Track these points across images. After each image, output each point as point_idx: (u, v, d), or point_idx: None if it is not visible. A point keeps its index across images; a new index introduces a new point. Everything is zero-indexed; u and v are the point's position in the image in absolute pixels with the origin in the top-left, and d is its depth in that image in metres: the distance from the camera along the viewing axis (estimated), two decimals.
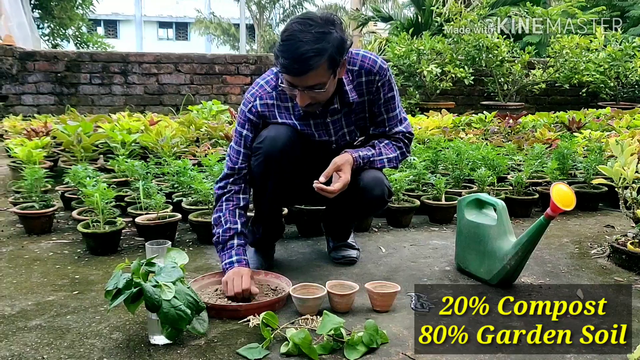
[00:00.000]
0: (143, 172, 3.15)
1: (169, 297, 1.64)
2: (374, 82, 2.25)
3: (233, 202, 2.22)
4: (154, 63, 8.04)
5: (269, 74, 2.29)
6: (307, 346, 1.63)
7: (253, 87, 2.27)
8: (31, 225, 2.93)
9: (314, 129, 2.26)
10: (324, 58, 1.96)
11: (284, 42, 1.97)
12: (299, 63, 1.94)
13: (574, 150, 3.77)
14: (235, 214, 2.20)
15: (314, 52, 1.93)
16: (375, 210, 2.49)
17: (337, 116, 2.27)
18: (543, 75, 8.22)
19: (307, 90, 2.03)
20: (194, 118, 5.16)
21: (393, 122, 2.34)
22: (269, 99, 2.23)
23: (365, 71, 2.23)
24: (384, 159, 2.31)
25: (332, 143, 2.31)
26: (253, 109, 2.23)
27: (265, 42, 27.35)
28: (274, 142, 2.16)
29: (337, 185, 2.12)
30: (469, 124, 5.80)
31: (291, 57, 1.94)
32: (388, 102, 2.30)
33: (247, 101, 2.25)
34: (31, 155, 3.43)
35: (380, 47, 11.86)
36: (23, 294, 2.13)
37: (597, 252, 2.66)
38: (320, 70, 1.98)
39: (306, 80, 2.00)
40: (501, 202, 2.19)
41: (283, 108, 2.24)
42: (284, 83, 2.08)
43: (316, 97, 2.08)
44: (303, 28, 1.96)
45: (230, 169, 2.26)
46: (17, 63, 7.42)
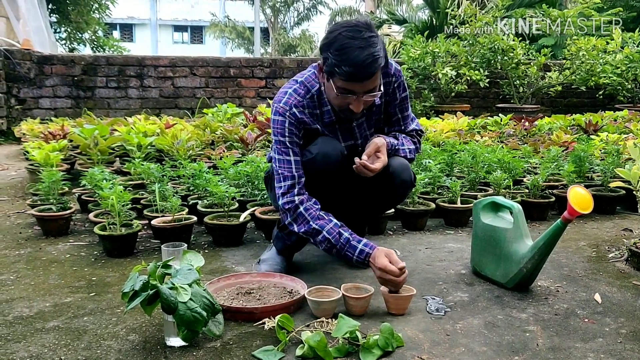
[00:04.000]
0: (159, 175, 3.17)
1: (185, 299, 1.64)
2: (390, 84, 2.33)
3: (314, 208, 2.18)
4: (169, 66, 8.09)
5: (292, 83, 2.30)
6: (323, 349, 1.62)
7: (283, 97, 2.25)
8: (49, 227, 2.96)
9: (340, 133, 2.31)
10: (382, 61, 2.04)
11: (341, 51, 2.01)
12: (364, 69, 2.00)
13: (590, 153, 3.74)
14: (322, 216, 2.17)
15: (373, 57, 2.00)
16: (403, 194, 2.47)
17: (362, 120, 2.34)
18: (559, 78, 8.15)
19: (365, 95, 2.09)
20: (209, 121, 5.19)
21: (407, 121, 2.46)
22: (302, 107, 2.25)
23: (383, 74, 2.25)
24: (406, 149, 2.41)
25: (358, 146, 2.37)
26: (292, 117, 2.22)
27: (280, 45, 27.42)
28: (327, 158, 2.20)
29: (377, 164, 2.21)
30: (484, 126, 5.78)
31: (355, 64, 1.99)
32: (402, 102, 2.41)
33: (282, 110, 2.22)
34: (48, 158, 3.47)
35: (394, 49, 11.87)
36: (41, 295, 2.15)
37: (615, 255, 2.63)
38: (378, 74, 2.06)
39: (367, 85, 2.06)
40: (517, 205, 2.17)
41: (314, 115, 2.26)
42: (338, 92, 2.09)
43: (369, 102, 2.15)
44: (354, 35, 2.02)
45: (290, 179, 2.19)
46: (34, 67, 7.50)
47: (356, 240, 2.13)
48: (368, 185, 2.35)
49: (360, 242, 2.12)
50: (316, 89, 2.25)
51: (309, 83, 2.27)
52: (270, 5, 28.09)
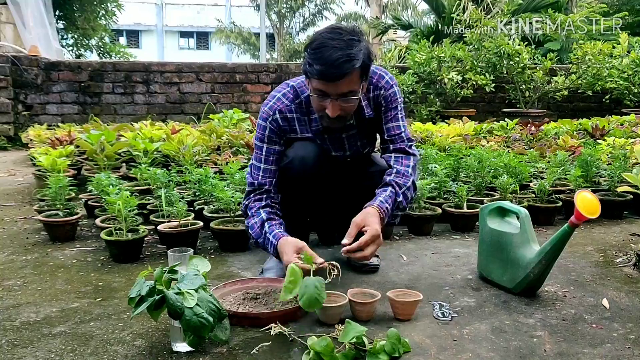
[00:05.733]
0: (165, 180, 3.18)
1: (192, 304, 1.64)
2: (379, 96, 2.30)
3: (255, 208, 2.27)
4: (175, 72, 8.12)
5: (284, 87, 2.30)
6: (329, 354, 1.62)
7: (270, 100, 2.27)
8: (55, 232, 2.97)
9: (330, 143, 2.29)
10: (357, 63, 2.00)
11: (316, 49, 1.99)
12: (335, 68, 1.96)
13: (597, 157, 3.72)
14: (259, 211, 2.25)
15: (347, 57, 1.97)
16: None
17: (353, 132, 2.31)
18: (565, 82, 8.14)
19: (340, 99, 2.05)
20: (215, 126, 5.20)
21: (400, 131, 2.35)
22: (288, 112, 2.24)
23: (374, 86, 2.27)
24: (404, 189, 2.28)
25: (347, 157, 2.36)
26: (274, 123, 2.23)
27: (286, 50, 27.48)
28: (304, 162, 2.18)
29: (363, 239, 2.09)
30: (490, 131, 5.77)
31: (326, 62, 1.96)
32: (392, 113, 2.33)
33: (266, 115, 2.25)
34: (55, 164, 3.49)
35: (400, 55, 11.87)
36: (47, 300, 2.15)
37: (623, 260, 2.62)
38: (353, 77, 2.02)
39: (340, 87, 2.02)
40: (524, 210, 2.16)
41: (301, 121, 2.25)
42: (313, 93, 2.07)
43: (346, 108, 2.10)
44: (334, 36, 2.01)
45: (250, 185, 2.29)
46: (42, 73, 7.55)
47: (270, 230, 2.19)
48: (364, 200, 2.29)
49: (272, 232, 2.18)
50: (305, 95, 2.25)
51: (299, 88, 2.27)
52: (276, 11, 28.16)
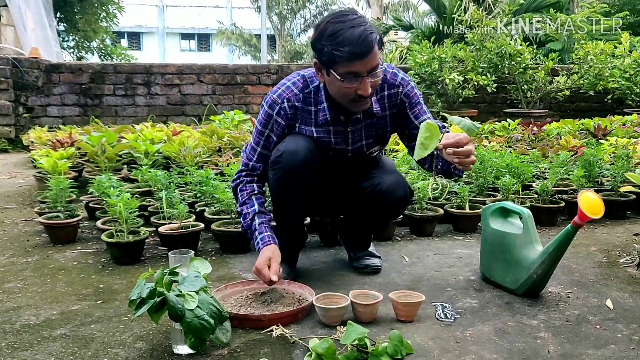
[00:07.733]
0: (166, 182, 3.17)
1: (192, 306, 1.63)
2: (398, 94, 2.27)
3: (247, 191, 2.29)
4: (176, 74, 8.12)
5: (295, 75, 2.29)
6: (331, 356, 1.61)
7: (279, 88, 2.26)
8: (56, 235, 2.96)
9: (333, 136, 2.26)
10: (376, 35, 2.03)
11: (334, 35, 1.99)
12: (363, 43, 1.97)
13: (600, 157, 3.71)
14: (252, 199, 2.26)
15: (368, 31, 1.99)
16: (399, 211, 2.48)
17: (359, 126, 2.27)
18: (567, 82, 8.12)
19: (370, 75, 2.04)
20: (216, 128, 5.20)
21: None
22: (297, 101, 2.23)
23: (388, 84, 2.24)
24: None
25: (348, 152, 2.32)
26: (282, 111, 2.22)
27: (287, 52, 27.50)
28: (293, 156, 2.15)
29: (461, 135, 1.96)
30: (492, 131, 5.75)
31: (352, 41, 1.97)
32: (415, 108, 2.30)
33: (274, 102, 2.23)
34: (56, 166, 3.48)
35: (401, 55, 11.85)
36: (48, 303, 2.14)
37: (626, 261, 2.60)
38: (376, 49, 2.03)
39: (370, 62, 2.02)
40: (527, 211, 2.15)
41: (307, 112, 2.23)
42: (343, 78, 2.03)
43: (374, 84, 2.09)
44: (343, 19, 2.02)
45: (245, 165, 2.32)
46: (42, 75, 7.55)
47: (260, 230, 2.20)
48: (361, 201, 2.31)
49: (261, 233, 2.19)
50: (315, 85, 2.23)
51: (309, 78, 2.26)
52: (277, 13, 28.19)
